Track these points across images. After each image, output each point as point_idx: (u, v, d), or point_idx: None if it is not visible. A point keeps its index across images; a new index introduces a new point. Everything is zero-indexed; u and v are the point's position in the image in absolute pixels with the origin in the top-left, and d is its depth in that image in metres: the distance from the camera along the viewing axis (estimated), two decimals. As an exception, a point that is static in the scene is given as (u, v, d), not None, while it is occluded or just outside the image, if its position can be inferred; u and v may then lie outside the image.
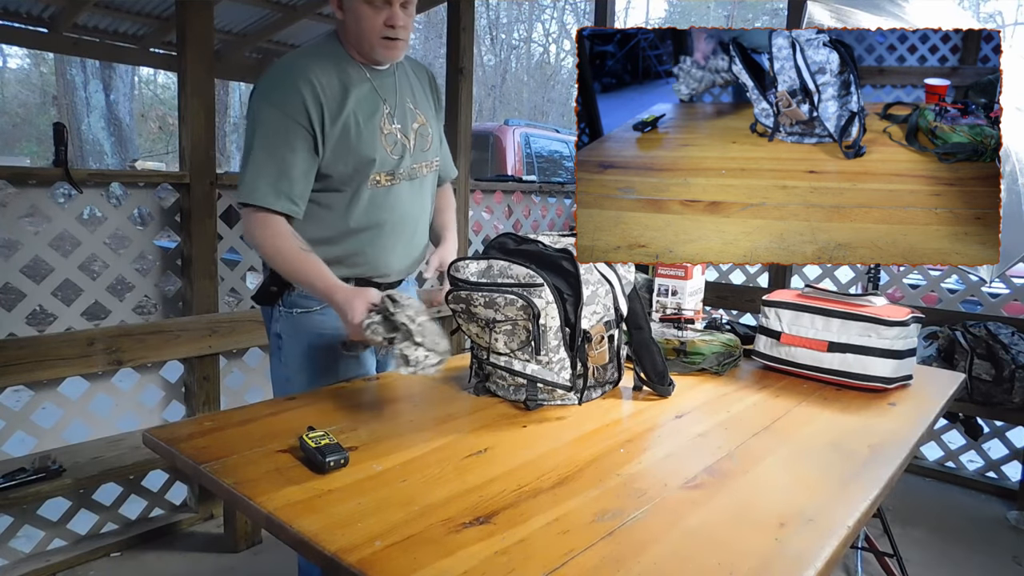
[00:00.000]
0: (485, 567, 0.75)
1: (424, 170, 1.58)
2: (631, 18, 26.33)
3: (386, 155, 1.47)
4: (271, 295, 1.53)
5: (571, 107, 2.51)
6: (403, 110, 1.51)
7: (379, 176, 1.47)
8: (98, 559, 2.25)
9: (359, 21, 1.38)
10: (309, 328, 1.52)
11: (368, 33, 1.39)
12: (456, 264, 1.32)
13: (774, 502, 0.94)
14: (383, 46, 1.41)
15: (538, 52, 22.07)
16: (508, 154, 6.16)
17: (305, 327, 1.52)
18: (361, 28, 1.39)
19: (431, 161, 1.60)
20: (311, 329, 1.52)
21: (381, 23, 1.38)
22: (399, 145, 1.49)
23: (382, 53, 1.43)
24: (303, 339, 1.53)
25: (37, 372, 2.07)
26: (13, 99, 16.80)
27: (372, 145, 1.44)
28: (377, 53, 1.42)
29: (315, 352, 1.52)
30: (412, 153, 1.53)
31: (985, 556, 2.49)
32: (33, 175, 2.13)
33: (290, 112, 1.36)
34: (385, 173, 1.48)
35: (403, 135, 1.50)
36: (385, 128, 1.47)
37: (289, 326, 1.53)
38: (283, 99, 1.36)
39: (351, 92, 1.42)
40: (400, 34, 1.41)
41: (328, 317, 1.51)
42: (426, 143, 1.57)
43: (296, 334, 1.53)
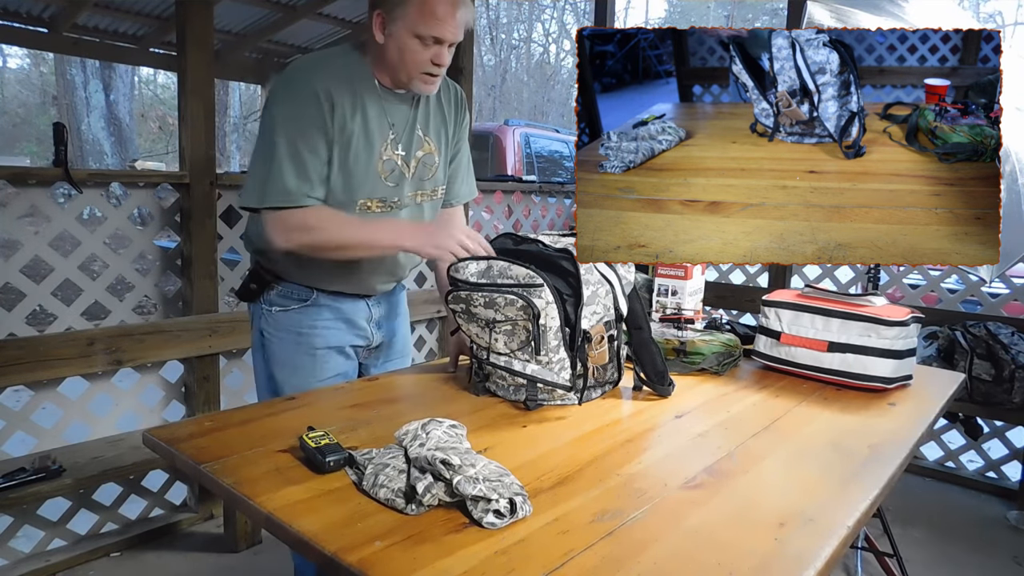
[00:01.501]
0: (485, 567, 0.75)
1: (420, 198, 1.55)
2: (631, 18, 26.35)
3: (379, 182, 1.46)
4: (251, 293, 1.55)
5: (571, 107, 2.51)
6: (410, 136, 1.49)
7: (369, 203, 1.46)
8: (98, 559, 2.25)
9: (404, 53, 1.37)
10: (288, 326, 1.54)
11: (411, 67, 1.38)
12: (456, 265, 1.32)
13: (774, 502, 0.94)
14: (423, 80, 1.41)
15: (538, 52, 22.08)
16: (508, 154, 6.16)
17: (284, 325, 1.54)
18: (404, 60, 1.38)
19: (432, 190, 1.58)
20: (290, 327, 1.54)
21: (427, 59, 1.38)
22: (396, 172, 1.48)
23: (420, 87, 1.43)
24: (282, 336, 1.54)
25: (37, 372, 2.07)
26: (13, 99, 16.81)
27: (367, 170, 1.43)
28: (415, 86, 1.42)
29: (293, 349, 1.54)
30: (410, 181, 1.51)
31: (985, 556, 2.49)
32: (33, 175, 2.13)
33: (308, 113, 1.36)
34: (377, 200, 1.47)
35: (404, 162, 1.49)
36: (385, 154, 1.45)
37: (270, 324, 1.55)
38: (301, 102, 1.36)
39: (359, 113, 1.41)
40: (442, 72, 1.42)
41: (306, 316, 1.54)
42: (428, 172, 1.55)
43: (276, 332, 1.55)
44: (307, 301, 1.53)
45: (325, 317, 1.54)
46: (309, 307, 1.53)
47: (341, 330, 1.57)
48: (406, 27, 1.34)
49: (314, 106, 1.35)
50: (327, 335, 1.55)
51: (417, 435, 0.97)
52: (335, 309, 1.55)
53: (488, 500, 0.84)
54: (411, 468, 0.91)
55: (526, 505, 0.86)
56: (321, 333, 1.54)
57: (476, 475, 0.87)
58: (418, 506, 0.87)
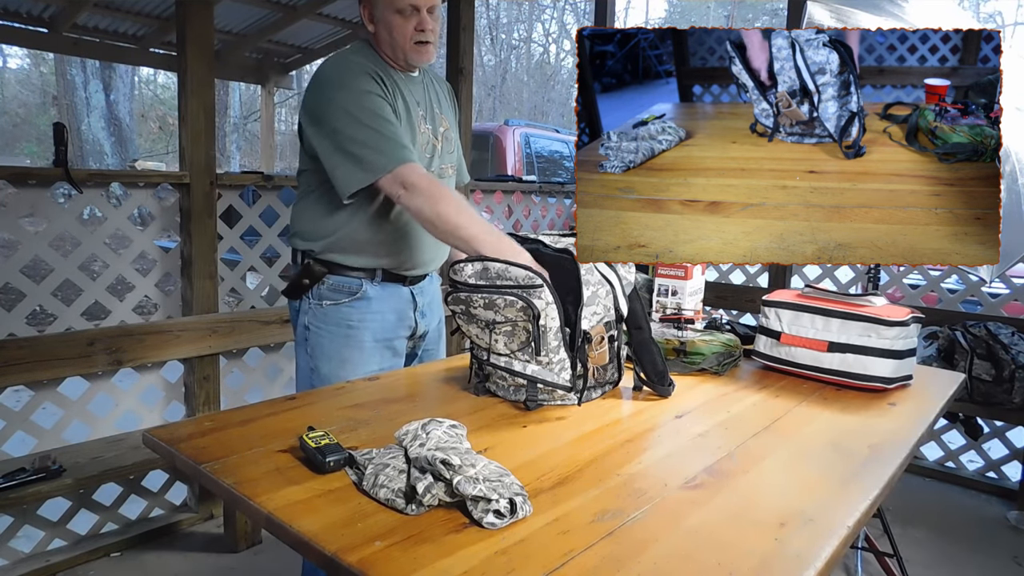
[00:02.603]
0: (485, 567, 0.75)
1: (449, 171, 1.70)
2: (631, 18, 26.35)
3: (423, 155, 1.58)
4: (303, 288, 1.60)
5: (571, 107, 2.51)
6: (432, 113, 1.63)
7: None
8: (98, 559, 2.25)
9: (391, 30, 1.50)
10: (337, 320, 1.59)
11: (401, 40, 1.51)
12: (454, 267, 1.32)
13: (774, 502, 0.94)
14: (415, 51, 1.53)
15: (538, 52, 22.08)
16: (508, 154, 6.16)
17: (333, 319, 1.59)
18: (394, 37, 1.50)
19: (452, 165, 1.72)
20: (339, 321, 1.59)
21: (412, 29, 1.50)
22: (430, 145, 1.61)
23: (415, 57, 1.54)
24: (331, 330, 1.59)
25: (37, 372, 2.08)
26: (13, 99, 16.81)
27: (415, 143, 1.54)
28: (411, 57, 1.54)
29: (341, 343, 1.59)
30: (440, 155, 1.64)
31: (985, 556, 2.49)
32: (33, 175, 2.13)
33: (373, 90, 1.46)
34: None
35: (433, 136, 1.62)
36: (421, 128, 1.57)
37: (317, 318, 1.60)
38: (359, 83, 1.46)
39: (397, 92, 1.53)
40: (430, 37, 1.53)
41: (355, 310, 1.59)
42: (451, 146, 1.70)
43: (325, 325, 1.60)
44: (356, 294, 1.59)
45: (374, 310, 1.60)
46: (358, 300, 1.59)
47: (390, 322, 1.63)
48: (386, 6, 1.49)
49: (374, 83, 1.47)
50: (376, 328, 1.61)
51: (417, 435, 0.97)
52: (383, 300, 1.61)
53: (488, 500, 0.84)
54: (411, 468, 0.91)
55: (526, 505, 0.86)
56: (370, 326, 1.60)
57: (476, 475, 0.87)
58: (418, 506, 0.87)
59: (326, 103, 1.46)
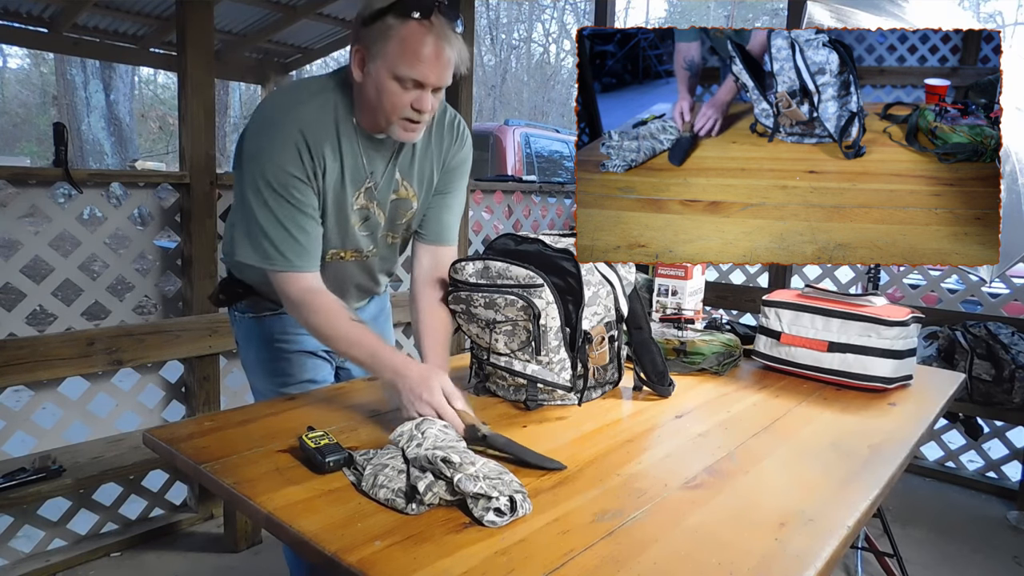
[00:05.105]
0: (485, 567, 0.75)
1: (391, 239, 1.46)
2: (631, 18, 26.35)
3: (353, 233, 1.36)
4: (220, 302, 1.52)
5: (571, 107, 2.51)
6: (388, 181, 1.36)
7: (343, 253, 1.39)
8: (98, 559, 2.25)
9: (381, 95, 1.20)
10: (261, 333, 1.50)
11: (388, 110, 1.21)
12: (455, 265, 1.32)
13: (774, 502, 0.94)
14: (402, 127, 1.24)
15: (538, 52, 22.09)
16: (508, 154, 6.16)
17: (257, 332, 1.50)
18: (381, 103, 1.20)
19: (404, 231, 1.48)
20: (263, 334, 1.49)
21: (407, 103, 1.20)
22: (372, 220, 1.37)
23: (399, 133, 1.25)
24: (255, 344, 1.51)
25: (37, 372, 2.07)
26: (13, 99, 16.81)
27: (340, 222, 1.33)
28: (393, 132, 1.25)
29: (268, 355, 1.50)
30: (383, 225, 1.40)
31: (985, 556, 2.49)
32: (33, 175, 2.13)
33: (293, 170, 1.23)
34: (351, 250, 1.40)
35: (379, 208, 1.37)
36: (358, 203, 1.33)
37: (242, 331, 1.52)
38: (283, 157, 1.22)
39: (336, 163, 1.27)
40: (425, 119, 1.25)
41: (278, 322, 1.48)
42: (400, 215, 1.42)
43: (249, 339, 1.51)
44: (279, 309, 1.46)
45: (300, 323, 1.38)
46: (282, 314, 1.45)
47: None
48: (385, 66, 1.18)
49: (299, 162, 1.23)
50: (302, 340, 1.48)
51: (413, 435, 0.98)
52: None
53: (489, 498, 0.84)
54: (410, 468, 0.91)
55: (526, 503, 0.86)
56: (295, 339, 1.48)
57: (476, 473, 0.87)
58: (419, 505, 0.87)
59: (248, 160, 1.25)
